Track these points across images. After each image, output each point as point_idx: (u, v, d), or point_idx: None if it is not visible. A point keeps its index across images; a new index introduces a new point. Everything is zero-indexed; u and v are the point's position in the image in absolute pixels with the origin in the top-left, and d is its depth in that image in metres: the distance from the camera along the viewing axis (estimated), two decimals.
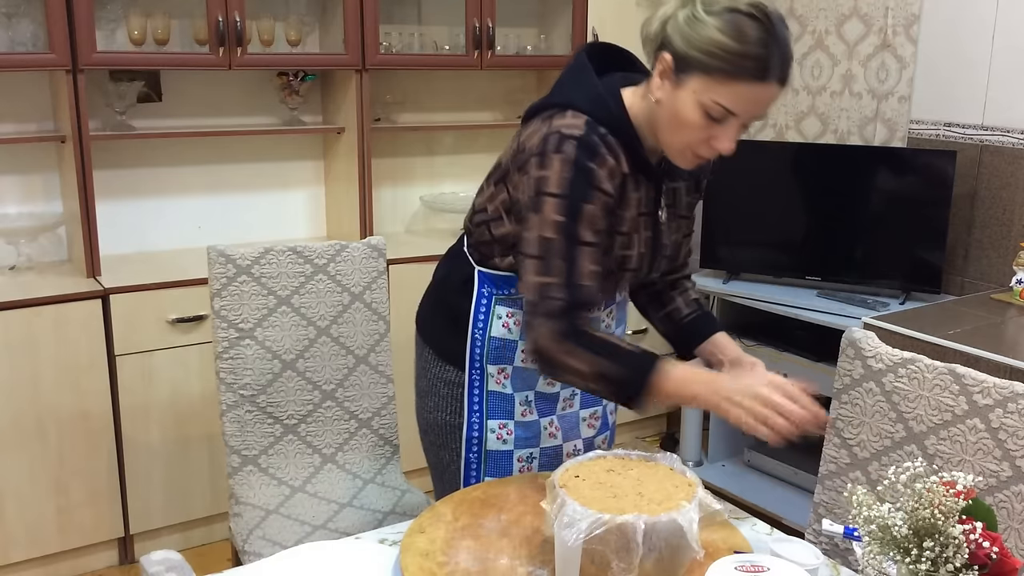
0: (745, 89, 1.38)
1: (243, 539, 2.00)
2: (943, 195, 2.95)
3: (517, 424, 1.69)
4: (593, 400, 1.76)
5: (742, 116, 1.41)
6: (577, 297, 1.45)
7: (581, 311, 1.46)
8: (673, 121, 1.44)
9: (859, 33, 3.34)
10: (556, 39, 3.59)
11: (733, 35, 1.36)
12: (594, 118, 1.48)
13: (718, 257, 3.40)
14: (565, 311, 1.44)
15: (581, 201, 1.44)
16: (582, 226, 1.44)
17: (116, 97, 2.98)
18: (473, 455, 1.70)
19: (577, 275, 1.44)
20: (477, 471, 1.71)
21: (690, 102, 1.41)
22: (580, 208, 1.44)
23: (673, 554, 1.24)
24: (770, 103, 1.44)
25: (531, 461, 1.71)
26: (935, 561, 1.15)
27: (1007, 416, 1.47)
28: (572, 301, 1.44)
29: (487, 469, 1.70)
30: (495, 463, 1.70)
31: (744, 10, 1.37)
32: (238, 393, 2.07)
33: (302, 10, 3.27)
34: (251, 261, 2.07)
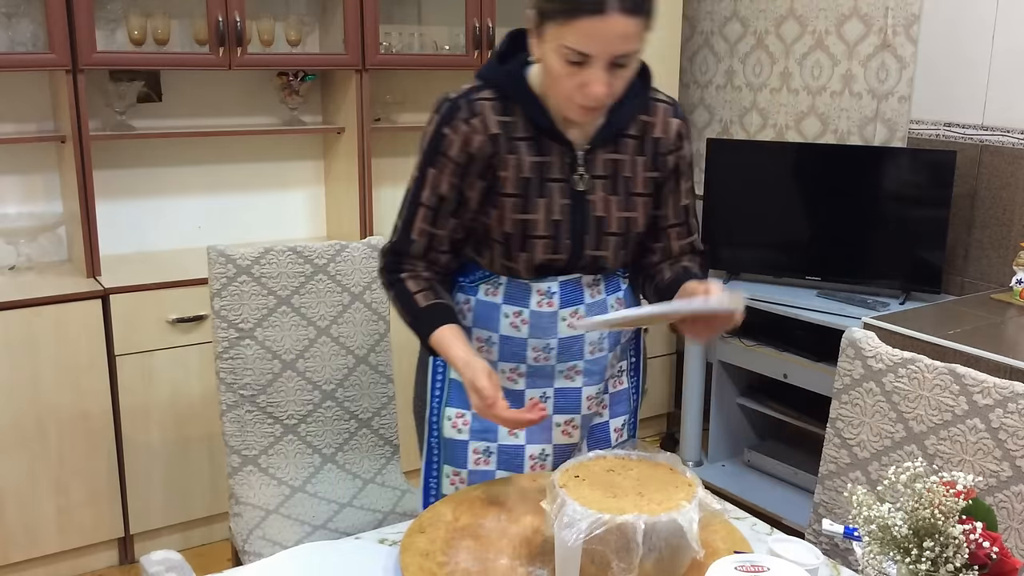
0: (587, 26, 1.37)
1: (243, 539, 2.00)
2: (943, 195, 2.95)
3: (473, 415, 1.67)
4: (570, 407, 1.70)
5: (599, 55, 1.40)
6: (403, 245, 1.61)
7: (404, 257, 1.61)
8: (548, 75, 1.47)
9: (859, 33, 3.34)
10: None
11: None
12: (484, 82, 1.56)
13: (718, 257, 3.40)
14: (390, 251, 1.63)
15: (428, 165, 1.57)
16: (425, 187, 1.57)
17: (116, 97, 2.98)
18: (434, 440, 1.71)
19: (409, 228, 1.60)
20: (438, 457, 1.71)
21: (550, 52, 1.43)
22: (426, 171, 1.57)
23: (673, 554, 1.24)
24: (626, 36, 1.40)
25: (488, 455, 1.68)
26: (935, 561, 1.15)
27: (1007, 416, 1.47)
28: (398, 247, 1.61)
29: (446, 457, 1.70)
30: (451, 451, 1.69)
31: None
32: (238, 393, 2.07)
33: (302, 10, 3.27)
34: (251, 261, 2.07)
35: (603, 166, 1.59)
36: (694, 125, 4.05)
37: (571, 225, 1.59)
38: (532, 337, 1.63)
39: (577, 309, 1.63)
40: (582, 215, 1.59)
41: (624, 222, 1.62)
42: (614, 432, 1.77)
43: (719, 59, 3.90)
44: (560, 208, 1.57)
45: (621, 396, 1.79)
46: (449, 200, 1.57)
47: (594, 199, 1.59)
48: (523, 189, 1.56)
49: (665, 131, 1.63)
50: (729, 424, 3.53)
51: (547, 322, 1.63)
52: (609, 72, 1.42)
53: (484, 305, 1.65)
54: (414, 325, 1.59)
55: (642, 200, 1.63)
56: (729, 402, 3.49)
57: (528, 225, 1.57)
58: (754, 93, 3.77)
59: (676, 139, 1.64)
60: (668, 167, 1.64)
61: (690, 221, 1.71)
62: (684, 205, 1.68)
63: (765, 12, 3.68)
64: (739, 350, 3.31)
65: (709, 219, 3.43)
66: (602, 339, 1.67)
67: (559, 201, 1.57)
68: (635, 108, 1.60)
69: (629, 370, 1.80)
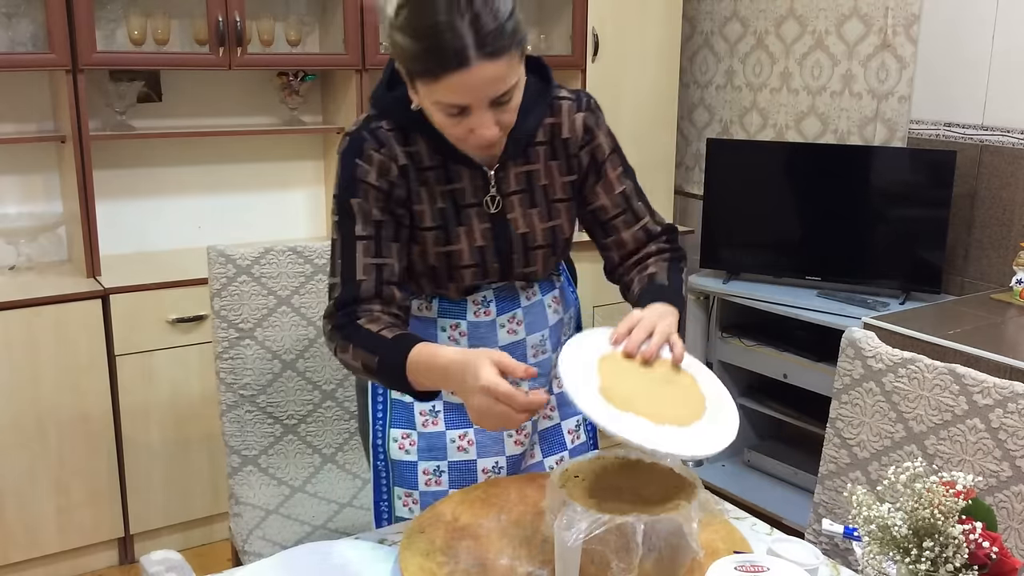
0: (455, 81, 1.27)
1: (243, 539, 2.00)
2: (943, 195, 2.95)
3: (420, 435, 1.61)
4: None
5: (476, 103, 1.31)
6: (352, 293, 1.44)
7: (356, 305, 1.44)
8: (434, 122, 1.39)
9: (859, 33, 3.34)
10: (556, 39, 3.59)
11: (413, 32, 1.27)
12: (377, 112, 1.47)
13: (718, 257, 3.40)
14: (339, 307, 1.45)
15: (349, 197, 1.46)
16: (354, 221, 1.45)
17: (116, 97, 2.98)
18: (381, 463, 1.64)
19: (351, 270, 1.45)
20: (387, 480, 1.65)
21: (428, 104, 1.35)
22: (348, 203, 1.46)
23: (673, 554, 1.24)
24: (497, 79, 1.29)
25: (439, 474, 1.62)
26: (935, 561, 1.15)
27: (1007, 416, 1.47)
28: (347, 297, 1.44)
29: (395, 479, 1.63)
30: (400, 473, 1.62)
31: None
32: (238, 393, 2.07)
33: (302, 10, 3.27)
34: (251, 261, 2.07)
35: (517, 180, 1.52)
36: (694, 125, 4.05)
37: (496, 247, 1.53)
38: (472, 347, 1.56)
39: (515, 314, 1.59)
40: (505, 236, 1.53)
41: (549, 232, 1.55)
42: (568, 434, 1.72)
43: (719, 59, 3.90)
44: (481, 233, 1.51)
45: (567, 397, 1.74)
46: (386, 224, 1.46)
47: (514, 216, 1.52)
48: (440, 220, 1.49)
49: (572, 129, 1.54)
50: None
51: (485, 331, 1.58)
52: (494, 111, 1.33)
53: (419, 321, 1.59)
54: (384, 363, 1.38)
55: (564, 206, 1.56)
56: None
57: (452, 256, 1.51)
58: (754, 93, 3.77)
59: (584, 133, 1.54)
60: (583, 165, 1.56)
61: (634, 206, 1.58)
62: (619, 192, 1.57)
63: (765, 12, 3.68)
64: (739, 350, 3.31)
65: (709, 219, 3.43)
66: (544, 341, 1.63)
67: (479, 226, 1.51)
68: (539, 114, 1.51)
69: None
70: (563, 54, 3.53)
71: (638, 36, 3.60)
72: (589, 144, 1.55)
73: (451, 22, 1.24)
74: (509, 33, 1.27)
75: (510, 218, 1.52)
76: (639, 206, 1.59)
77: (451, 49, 1.25)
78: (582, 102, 1.56)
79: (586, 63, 3.51)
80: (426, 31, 1.25)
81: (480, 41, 1.25)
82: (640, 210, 1.59)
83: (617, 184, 1.57)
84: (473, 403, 1.26)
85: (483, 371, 1.24)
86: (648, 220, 1.59)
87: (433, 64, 1.27)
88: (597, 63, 3.54)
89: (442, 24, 1.24)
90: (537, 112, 1.50)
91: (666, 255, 1.58)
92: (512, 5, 1.29)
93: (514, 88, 1.33)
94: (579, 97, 1.56)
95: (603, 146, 1.56)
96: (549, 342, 1.65)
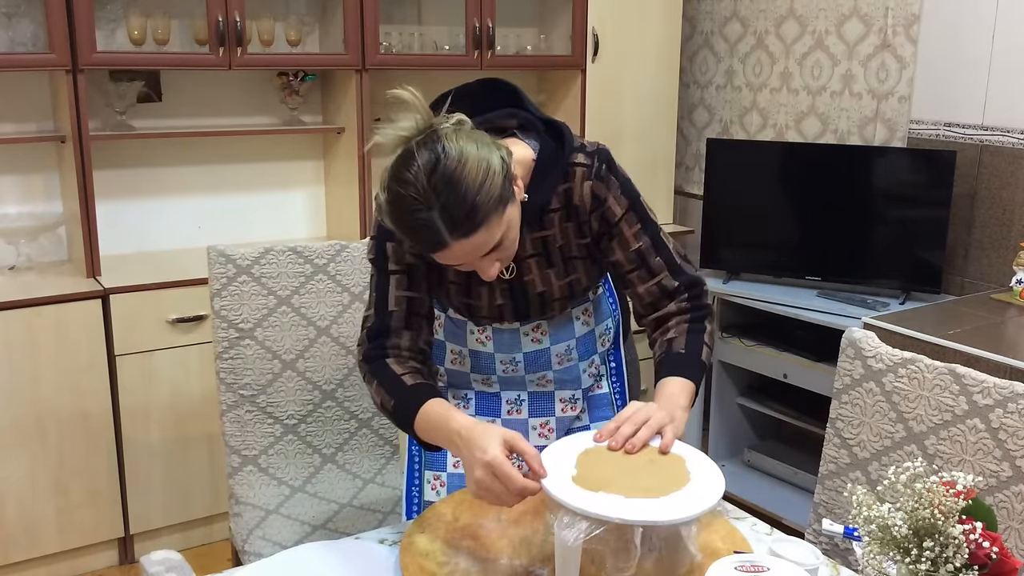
0: (440, 256, 1.35)
1: (243, 539, 2.00)
2: (943, 195, 2.95)
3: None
4: (543, 410, 1.74)
5: (466, 263, 1.38)
6: (384, 322, 1.53)
7: (386, 337, 1.53)
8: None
9: (859, 33, 3.34)
10: (556, 39, 3.60)
11: (394, 221, 1.34)
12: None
13: (718, 257, 3.40)
14: (370, 337, 1.54)
15: (385, 240, 1.53)
16: (388, 260, 1.53)
17: (116, 97, 2.98)
18: (415, 448, 1.73)
19: (384, 302, 1.54)
20: (420, 465, 1.73)
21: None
22: (384, 245, 1.53)
23: (672, 554, 1.24)
24: (479, 246, 1.34)
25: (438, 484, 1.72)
26: (935, 561, 1.15)
27: (1007, 416, 1.47)
28: (379, 327, 1.53)
29: (427, 462, 1.73)
30: (431, 456, 1.72)
31: (392, 187, 1.31)
32: (238, 393, 2.07)
33: (302, 10, 3.27)
34: (251, 261, 2.07)
35: (532, 245, 1.56)
36: (693, 125, 4.05)
37: (514, 305, 1.60)
38: (497, 352, 1.66)
39: (539, 324, 1.65)
40: (523, 295, 1.60)
41: (567, 287, 1.60)
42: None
43: (719, 59, 3.90)
44: (501, 292, 1.58)
45: (601, 400, 1.78)
46: (417, 266, 1.54)
47: (531, 278, 1.58)
48: (464, 277, 1.56)
49: (582, 197, 1.53)
50: (729, 424, 3.53)
51: (509, 338, 1.65)
52: (490, 256, 1.38)
53: (453, 323, 1.68)
54: (397, 408, 1.47)
55: (582, 262, 1.59)
56: (729, 402, 3.49)
57: (473, 307, 1.60)
58: (754, 93, 3.77)
59: (593, 202, 1.52)
60: (594, 230, 1.56)
61: (649, 262, 1.55)
62: (635, 250, 1.55)
63: (765, 12, 3.68)
64: (739, 350, 3.31)
65: (709, 219, 3.43)
66: (570, 350, 1.69)
67: (498, 287, 1.58)
68: (553, 181, 1.52)
69: (608, 375, 1.80)
70: (563, 54, 3.53)
71: (638, 36, 3.60)
72: (598, 211, 1.54)
73: (423, 217, 1.29)
74: (483, 208, 1.30)
75: (527, 280, 1.58)
76: (656, 262, 1.56)
77: (427, 238, 1.31)
78: (593, 169, 1.52)
79: (586, 63, 3.51)
80: (403, 223, 1.32)
81: (452, 227, 1.29)
82: (656, 267, 1.56)
83: (633, 241, 1.55)
84: (475, 475, 1.29)
85: (491, 446, 1.28)
86: (664, 276, 1.56)
87: (415, 245, 1.36)
88: (597, 63, 3.54)
89: (416, 219, 1.29)
90: (551, 179, 1.51)
91: (687, 316, 1.55)
92: (482, 176, 1.30)
93: (506, 233, 1.37)
94: (592, 164, 1.52)
95: (614, 210, 1.53)
96: (576, 351, 1.69)
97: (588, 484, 1.24)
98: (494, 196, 1.32)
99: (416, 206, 1.29)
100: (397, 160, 1.32)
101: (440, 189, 1.28)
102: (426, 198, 1.28)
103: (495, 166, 1.32)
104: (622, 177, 1.55)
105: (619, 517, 1.17)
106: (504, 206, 1.34)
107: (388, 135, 1.36)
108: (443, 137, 1.31)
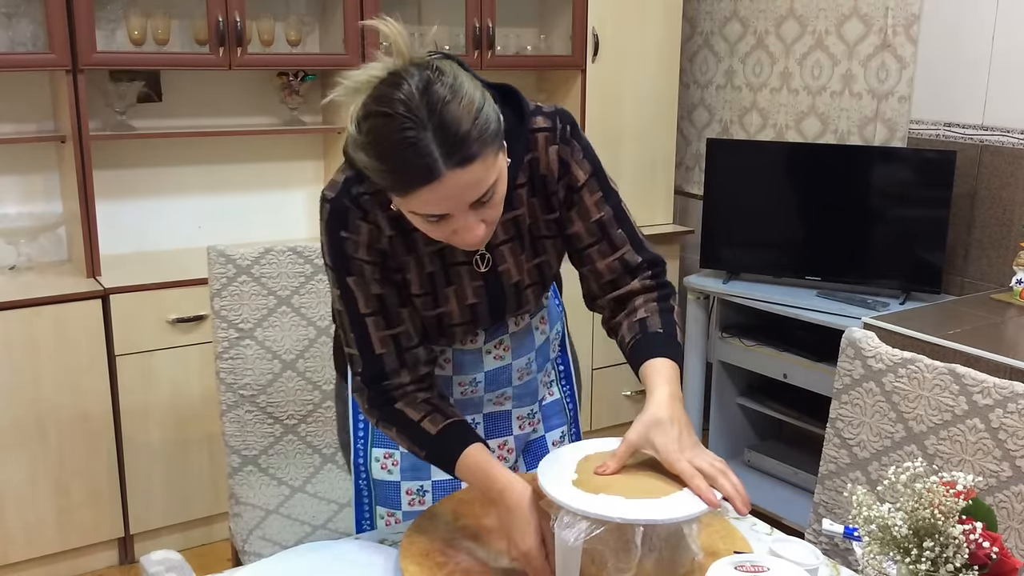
0: (427, 194, 1.17)
1: (243, 539, 2.00)
2: (943, 195, 2.95)
3: (403, 454, 1.58)
4: (501, 430, 1.64)
5: (455, 210, 1.21)
6: (376, 368, 1.41)
7: (385, 379, 1.41)
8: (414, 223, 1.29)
9: (859, 33, 3.34)
10: (556, 39, 3.59)
11: (376, 151, 1.17)
12: (356, 173, 1.32)
13: (718, 257, 3.40)
14: (367, 384, 1.42)
15: (345, 275, 1.37)
16: (356, 299, 1.38)
17: (116, 97, 2.98)
18: (363, 482, 1.61)
19: (369, 346, 1.40)
20: (369, 500, 1.62)
21: (405, 213, 1.26)
22: (346, 282, 1.38)
23: (673, 553, 1.24)
24: (473, 184, 1.19)
25: (422, 495, 1.59)
26: (935, 561, 1.15)
27: (1007, 416, 1.47)
28: (372, 373, 1.41)
29: (377, 498, 1.61)
30: (383, 493, 1.60)
31: (375, 110, 1.16)
32: (238, 393, 2.07)
33: (302, 10, 3.27)
34: (251, 261, 2.07)
35: (504, 230, 1.42)
36: (693, 125, 4.05)
37: (488, 303, 1.46)
38: (457, 374, 1.55)
39: (502, 339, 1.54)
40: (498, 288, 1.46)
41: (536, 270, 1.48)
42: (552, 446, 1.71)
43: (719, 59, 3.90)
44: (473, 291, 1.44)
45: (554, 408, 1.72)
46: (388, 294, 1.39)
47: (505, 267, 1.44)
48: (430, 286, 1.42)
49: (548, 165, 1.41)
50: (729, 424, 3.53)
51: (471, 359, 1.54)
52: (477, 211, 1.23)
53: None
54: (431, 458, 1.40)
55: (550, 242, 1.48)
56: (729, 402, 3.49)
57: (443, 317, 1.45)
58: (754, 93, 3.77)
59: (560, 167, 1.42)
60: (560, 200, 1.45)
61: (611, 235, 1.45)
62: (596, 220, 1.44)
63: (765, 12, 3.68)
64: (739, 350, 3.31)
65: (709, 219, 3.43)
66: (530, 363, 1.60)
67: (470, 284, 1.43)
68: (518, 153, 1.37)
69: (559, 379, 1.73)
70: (563, 54, 3.53)
71: (638, 36, 3.60)
72: (564, 177, 1.43)
73: (414, 137, 1.14)
74: (479, 134, 1.17)
75: (501, 270, 1.45)
76: (618, 234, 1.45)
77: (418, 166, 1.15)
78: (556, 132, 1.41)
79: (586, 63, 3.51)
80: (389, 149, 1.16)
81: (448, 151, 1.15)
82: (618, 239, 1.45)
83: (594, 211, 1.44)
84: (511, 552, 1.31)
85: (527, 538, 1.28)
86: (627, 250, 1.46)
87: (401, 181, 1.18)
88: (597, 63, 3.54)
89: (405, 140, 1.14)
90: (516, 151, 1.36)
91: (653, 294, 1.46)
92: (480, 100, 1.19)
93: (496, 183, 1.23)
94: (554, 125, 1.41)
95: (579, 176, 1.43)
96: (535, 363, 1.63)
97: (588, 487, 1.24)
98: (491, 129, 1.19)
99: (407, 125, 1.13)
100: (379, 88, 1.18)
101: (435, 107, 1.14)
102: (419, 116, 1.14)
103: (488, 101, 1.21)
104: (583, 140, 1.44)
105: (620, 516, 1.18)
106: (498, 147, 1.22)
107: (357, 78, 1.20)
108: (433, 63, 1.19)
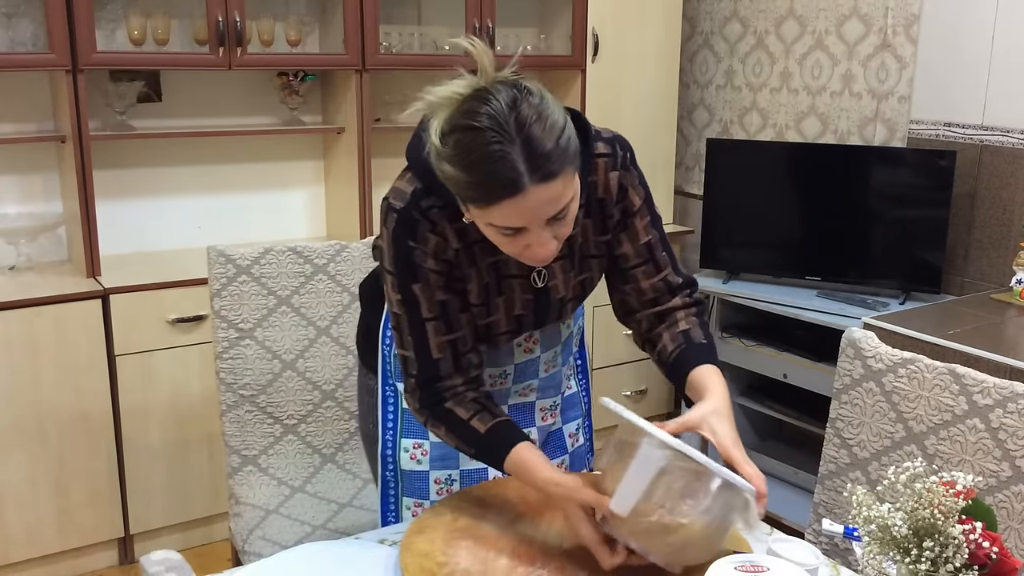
0: (509, 207, 1.22)
1: (243, 539, 2.00)
2: (943, 195, 2.95)
3: (432, 444, 1.61)
4: (524, 422, 1.67)
5: (532, 224, 1.26)
6: (432, 371, 1.45)
7: (438, 383, 1.45)
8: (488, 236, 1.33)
9: (859, 33, 3.34)
10: (556, 39, 3.59)
11: (463, 163, 1.21)
12: (424, 186, 1.37)
13: (718, 257, 3.40)
14: (420, 386, 1.46)
15: (411, 282, 1.41)
16: (419, 305, 1.42)
17: (116, 97, 2.98)
18: (390, 473, 1.64)
19: (426, 350, 1.44)
20: (395, 491, 1.65)
21: (481, 225, 1.30)
22: (410, 288, 1.41)
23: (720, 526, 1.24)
24: (553, 200, 1.24)
25: (450, 483, 1.62)
26: (935, 561, 1.15)
27: (1007, 416, 1.47)
28: (427, 376, 1.45)
29: (404, 489, 1.63)
30: (410, 483, 1.62)
31: (463, 123, 1.21)
32: (238, 393, 2.07)
33: (302, 10, 3.27)
34: (251, 261, 2.07)
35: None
36: (693, 125, 4.05)
37: (535, 316, 1.52)
38: (488, 367, 1.58)
39: (532, 334, 1.59)
40: (546, 303, 1.52)
41: (579, 286, 1.54)
42: (568, 438, 1.75)
43: (719, 59, 3.90)
44: (523, 303, 1.49)
45: (571, 400, 1.76)
46: (450, 301, 1.43)
47: (555, 283, 1.50)
48: (485, 297, 1.47)
49: (607, 189, 1.48)
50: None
51: (504, 352, 1.59)
52: (551, 227, 1.28)
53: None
54: (480, 456, 1.46)
55: (596, 261, 1.54)
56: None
57: (492, 326, 1.50)
58: (754, 93, 3.77)
59: (619, 193, 1.48)
60: (615, 223, 1.51)
61: (656, 257, 1.53)
62: (644, 243, 1.52)
63: (765, 12, 3.68)
64: (739, 350, 3.31)
65: (709, 219, 3.43)
66: (556, 356, 1.65)
67: (520, 296, 1.48)
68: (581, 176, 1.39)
69: (576, 373, 1.78)
70: (563, 54, 3.53)
71: (638, 36, 3.60)
72: (622, 201, 1.50)
73: (502, 151, 1.18)
74: (561, 152, 1.22)
75: (551, 285, 1.50)
76: (662, 257, 1.53)
77: (503, 178, 1.19)
78: (617, 159, 1.48)
79: (586, 63, 3.51)
80: (476, 161, 1.20)
81: (533, 166, 1.19)
82: (662, 261, 1.53)
83: (643, 234, 1.52)
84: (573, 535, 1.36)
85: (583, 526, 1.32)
86: (669, 272, 1.54)
87: (485, 193, 1.22)
88: (597, 63, 3.54)
89: (493, 154, 1.18)
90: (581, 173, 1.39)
91: (693, 310, 1.54)
92: (563, 121, 1.24)
93: (571, 201, 1.28)
94: (615, 153, 1.48)
95: (634, 201, 1.50)
96: (560, 356, 1.67)
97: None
98: (571, 149, 1.24)
99: (495, 139, 1.18)
100: (467, 102, 1.22)
101: (523, 124, 1.19)
102: (507, 130, 1.18)
103: (569, 124, 1.26)
104: (638, 168, 1.51)
105: (706, 462, 1.19)
106: (576, 167, 1.27)
107: (440, 93, 1.26)
108: (521, 82, 1.24)
